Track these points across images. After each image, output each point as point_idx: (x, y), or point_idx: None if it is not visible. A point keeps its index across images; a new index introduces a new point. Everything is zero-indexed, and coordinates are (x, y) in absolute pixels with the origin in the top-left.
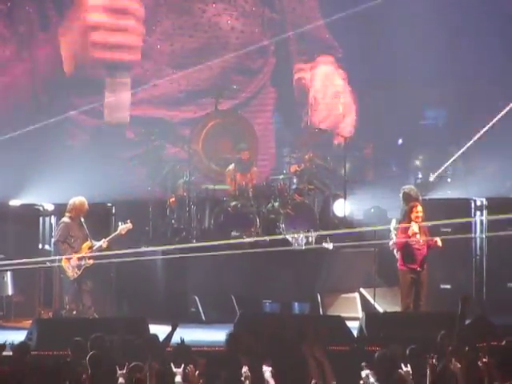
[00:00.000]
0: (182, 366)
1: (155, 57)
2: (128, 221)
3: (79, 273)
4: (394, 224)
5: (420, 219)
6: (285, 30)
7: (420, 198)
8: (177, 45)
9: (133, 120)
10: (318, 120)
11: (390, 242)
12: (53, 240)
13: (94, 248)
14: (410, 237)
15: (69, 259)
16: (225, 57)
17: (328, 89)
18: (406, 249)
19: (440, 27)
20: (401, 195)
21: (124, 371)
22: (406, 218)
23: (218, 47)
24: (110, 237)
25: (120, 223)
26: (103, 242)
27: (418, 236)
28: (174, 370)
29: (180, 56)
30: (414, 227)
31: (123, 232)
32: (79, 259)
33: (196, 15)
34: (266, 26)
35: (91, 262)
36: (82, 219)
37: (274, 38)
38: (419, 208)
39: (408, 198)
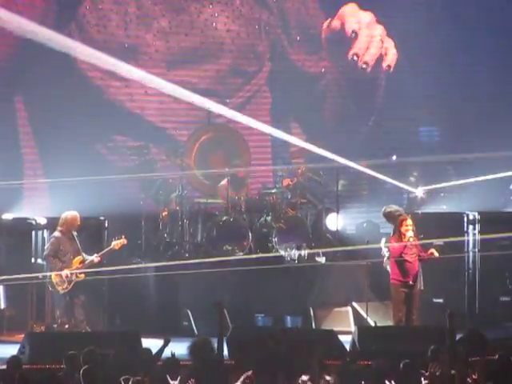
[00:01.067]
0: (179, 378)
1: (151, 54)
2: (122, 236)
3: (69, 287)
4: (383, 242)
5: (409, 232)
6: (288, 33)
7: (403, 214)
8: (172, 43)
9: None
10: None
11: (384, 259)
12: (44, 254)
13: (86, 263)
14: (404, 247)
15: (58, 274)
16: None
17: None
18: (399, 263)
19: (433, 43)
20: (382, 215)
21: None
22: (397, 232)
23: (213, 48)
24: (103, 252)
25: (114, 238)
26: (95, 257)
27: (411, 239)
28: (171, 382)
29: (175, 54)
30: (409, 233)
31: (116, 247)
32: (70, 274)
33: (193, 14)
34: (263, 29)
35: (82, 276)
36: (75, 233)
37: (270, 41)
38: (409, 221)
39: (389, 216)
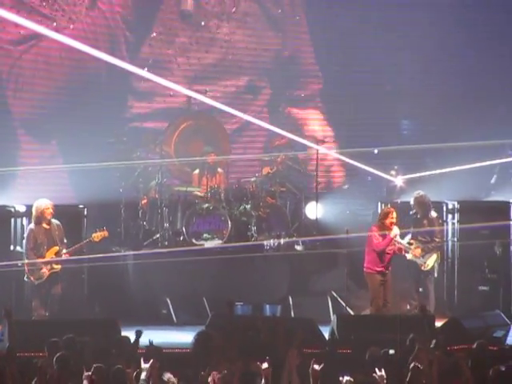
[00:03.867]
0: (151, 361)
1: (173, 69)
2: (104, 228)
3: (44, 278)
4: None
5: (393, 225)
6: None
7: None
8: (193, 59)
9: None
10: None
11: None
12: (24, 250)
13: (62, 252)
14: (391, 239)
15: (31, 265)
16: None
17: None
18: (378, 253)
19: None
20: (414, 200)
21: (90, 373)
22: (379, 223)
23: (231, 64)
24: (82, 243)
25: (95, 230)
26: (71, 249)
27: (398, 237)
28: (143, 365)
29: (196, 70)
30: (395, 230)
31: (97, 239)
32: (45, 264)
33: (212, 31)
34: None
35: (58, 267)
36: (56, 222)
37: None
38: (395, 214)
39: (422, 202)
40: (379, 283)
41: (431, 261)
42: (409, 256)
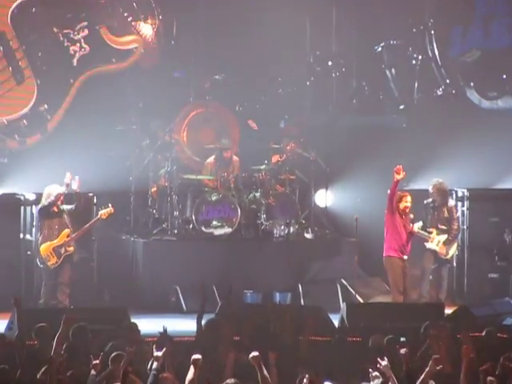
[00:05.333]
0: (164, 349)
1: None
2: (109, 205)
3: (59, 261)
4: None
5: (408, 209)
6: None
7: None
8: None
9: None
10: None
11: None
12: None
13: (73, 236)
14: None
15: (49, 247)
16: None
17: None
18: (400, 237)
19: None
20: (433, 187)
21: (97, 361)
22: (395, 206)
23: None
24: (91, 222)
25: (101, 207)
26: (82, 230)
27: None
28: (155, 353)
29: None
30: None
31: (104, 217)
32: (59, 247)
33: None
34: None
35: (72, 249)
36: (65, 207)
37: None
38: (409, 198)
39: (441, 190)
40: (401, 269)
41: (452, 250)
42: (429, 245)
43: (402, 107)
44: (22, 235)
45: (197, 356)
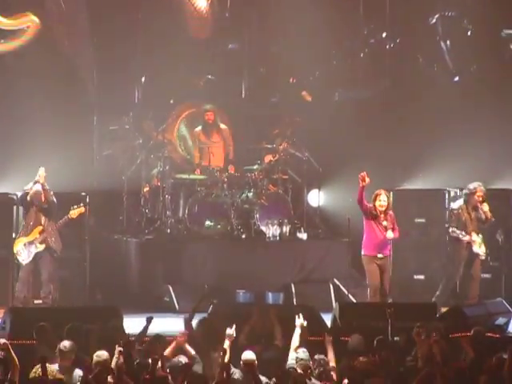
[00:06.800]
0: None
1: None
2: (81, 204)
3: (29, 258)
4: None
5: (384, 208)
6: None
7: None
8: None
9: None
10: None
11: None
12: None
13: (44, 234)
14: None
15: (20, 243)
16: None
17: None
18: (376, 236)
19: None
20: (468, 191)
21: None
22: (371, 204)
23: None
24: (61, 221)
25: (72, 207)
26: (53, 228)
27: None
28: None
29: None
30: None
31: (73, 216)
32: (29, 243)
33: None
34: None
35: (43, 246)
36: (42, 205)
37: None
38: (382, 197)
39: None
40: (376, 268)
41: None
42: (476, 248)
43: (456, 79)
44: (14, 234)
45: (231, 330)
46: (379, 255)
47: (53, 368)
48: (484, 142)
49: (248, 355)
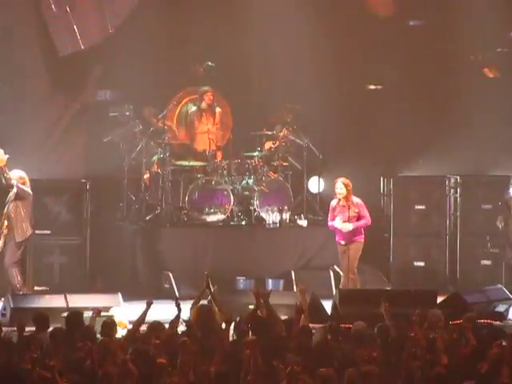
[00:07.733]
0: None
1: None
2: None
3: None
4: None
5: (342, 196)
6: None
7: None
8: None
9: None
10: None
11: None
12: None
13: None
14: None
15: None
16: None
17: None
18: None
19: None
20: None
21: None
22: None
23: None
24: None
25: None
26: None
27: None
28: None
29: None
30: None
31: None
32: None
33: None
34: None
35: (5, 231)
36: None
37: None
38: (338, 184)
39: None
40: (341, 254)
41: None
42: None
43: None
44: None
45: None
46: (342, 242)
47: None
48: (485, 129)
49: None
